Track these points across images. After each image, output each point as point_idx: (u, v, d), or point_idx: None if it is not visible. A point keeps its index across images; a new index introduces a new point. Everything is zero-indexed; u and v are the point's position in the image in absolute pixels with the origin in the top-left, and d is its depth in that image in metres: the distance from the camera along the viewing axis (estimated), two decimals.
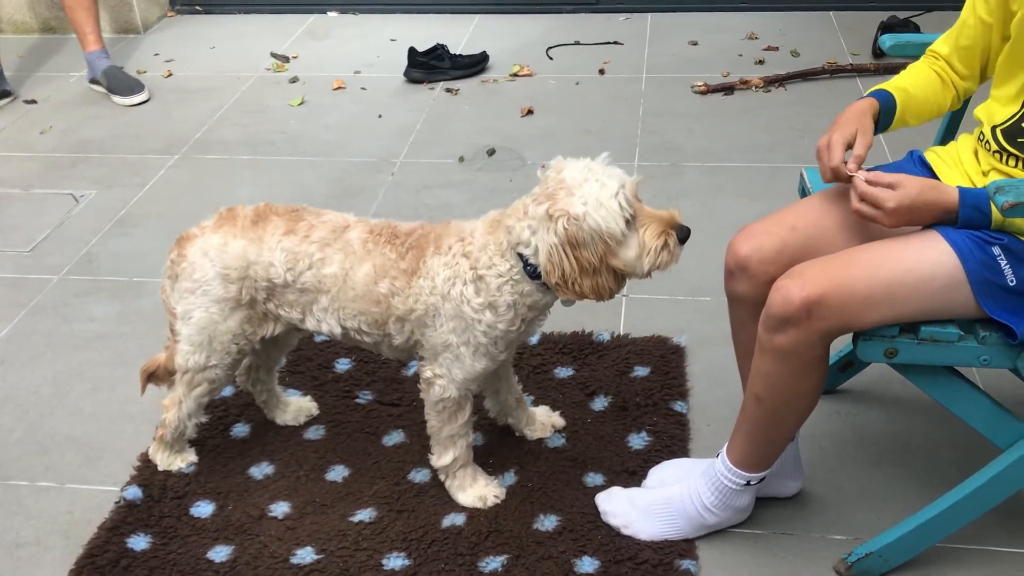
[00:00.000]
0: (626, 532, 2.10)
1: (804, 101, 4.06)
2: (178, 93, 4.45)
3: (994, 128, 1.88)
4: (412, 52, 4.44)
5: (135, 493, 2.26)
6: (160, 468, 2.32)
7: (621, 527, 2.11)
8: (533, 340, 2.67)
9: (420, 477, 2.29)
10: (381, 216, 2.14)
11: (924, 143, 2.17)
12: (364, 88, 4.42)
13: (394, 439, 2.41)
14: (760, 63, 4.44)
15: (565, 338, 2.70)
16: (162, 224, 3.40)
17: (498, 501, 2.20)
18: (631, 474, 2.26)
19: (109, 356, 2.78)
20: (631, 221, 1.87)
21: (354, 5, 5.30)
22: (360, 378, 2.60)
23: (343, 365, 2.65)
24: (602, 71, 4.48)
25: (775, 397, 1.86)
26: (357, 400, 2.53)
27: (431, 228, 2.04)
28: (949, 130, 2.24)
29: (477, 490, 2.20)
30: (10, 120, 4.26)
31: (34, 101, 4.42)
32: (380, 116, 4.15)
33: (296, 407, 2.48)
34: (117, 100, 4.35)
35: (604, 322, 2.77)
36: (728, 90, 4.20)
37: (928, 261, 1.75)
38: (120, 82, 4.37)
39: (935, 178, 1.94)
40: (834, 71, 4.24)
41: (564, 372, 2.60)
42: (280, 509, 2.22)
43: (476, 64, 4.48)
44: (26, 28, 5.21)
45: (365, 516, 2.19)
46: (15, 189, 3.71)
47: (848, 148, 1.86)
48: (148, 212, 3.51)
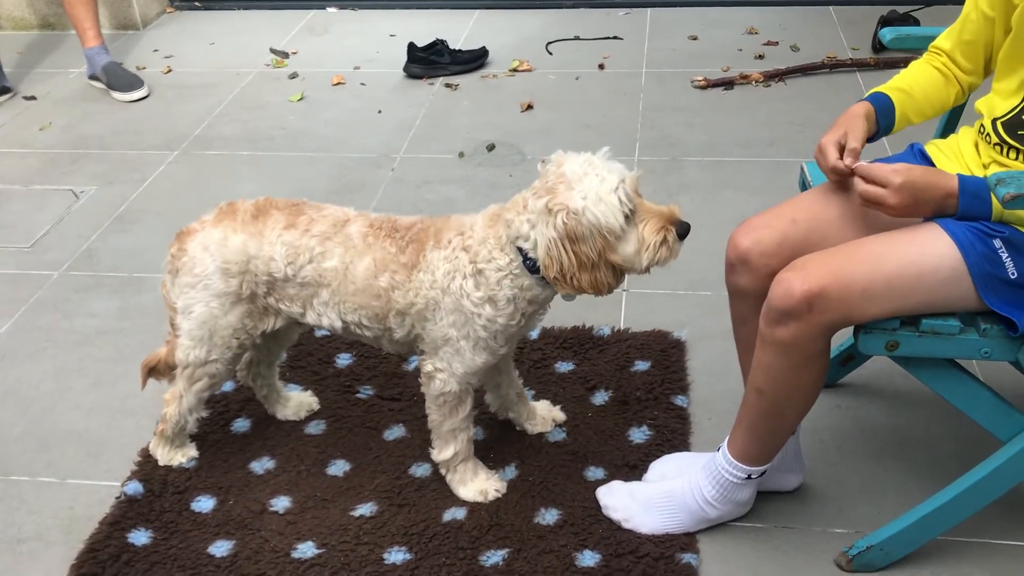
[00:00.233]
0: (627, 526, 2.10)
1: (804, 96, 4.06)
2: (177, 89, 4.45)
3: (995, 121, 1.88)
4: (411, 47, 4.44)
5: (136, 488, 2.26)
6: (161, 463, 2.32)
7: (622, 521, 2.11)
8: (533, 335, 2.67)
9: (421, 471, 2.29)
10: (381, 211, 2.14)
11: (924, 136, 2.17)
12: (364, 84, 4.42)
13: (395, 433, 2.41)
14: (760, 58, 4.44)
15: (566, 333, 2.71)
16: (162, 220, 3.40)
17: (499, 495, 2.20)
18: (632, 468, 2.26)
19: (110, 351, 2.78)
20: (631, 216, 1.87)
21: (353, 0, 5.29)
22: (361, 373, 2.60)
23: (344, 360, 2.65)
24: (602, 66, 4.47)
25: (776, 390, 1.86)
26: (358, 395, 2.54)
27: (431, 222, 2.04)
28: (949, 123, 2.24)
29: (478, 484, 2.20)
30: (10, 116, 4.26)
31: (34, 97, 4.42)
32: (380, 112, 4.15)
33: (297, 402, 2.48)
34: (116, 96, 4.35)
35: (604, 316, 2.77)
36: (728, 85, 4.20)
37: (929, 254, 1.75)
38: (119, 78, 4.36)
39: None
40: (834, 66, 4.23)
41: (565, 366, 2.60)
42: (281, 504, 2.22)
43: (476, 59, 4.48)
44: (25, 24, 5.21)
45: (366, 510, 2.19)
46: (15, 185, 3.70)
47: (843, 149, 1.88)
48: (148, 208, 3.51)
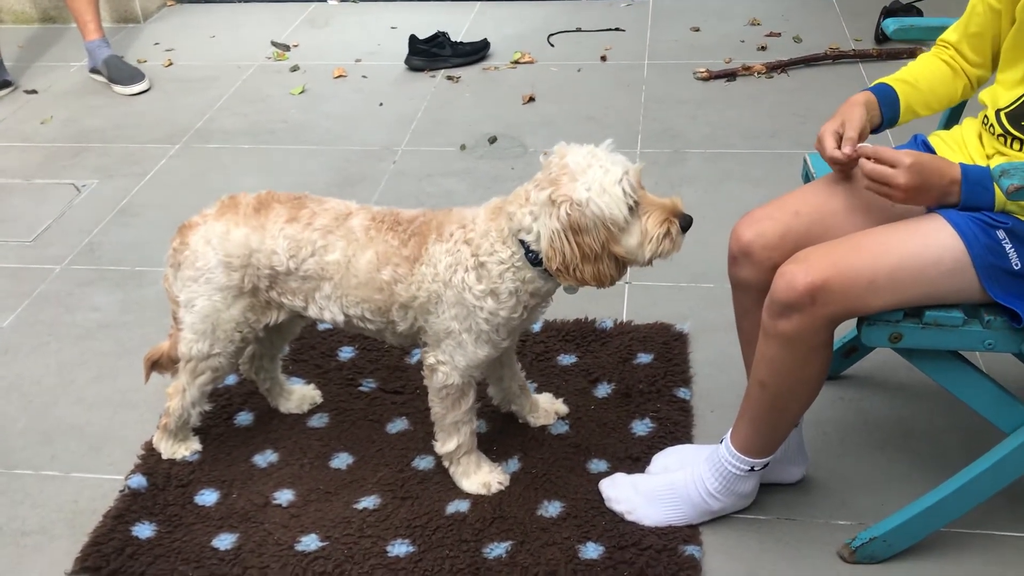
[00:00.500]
0: (630, 518, 2.10)
1: (807, 87, 4.05)
2: (179, 82, 4.44)
3: (998, 112, 1.87)
4: (413, 40, 4.43)
5: (139, 481, 2.26)
6: (164, 456, 2.32)
7: (625, 513, 2.11)
8: (536, 327, 2.67)
9: (424, 464, 2.29)
10: (383, 205, 2.14)
11: (928, 127, 2.16)
12: (365, 76, 4.41)
13: (398, 426, 2.41)
14: (762, 49, 4.43)
15: (568, 325, 2.70)
16: (164, 213, 3.39)
17: (502, 488, 2.20)
18: (635, 460, 2.26)
19: (112, 345, 2.78)
20: (634, 208, 1.86)
21: None
22: (363, 366, 2.60)
23: (346, 353, 2.65)
24: (604, 58, 4.46)
25: (779, 383, 1.86)
26: (360, 388, 2.54)
27: (433, 215, 2.04)
28: (953, 114, 2.23)
29: (481, 477, 2.20)
30: (11, 110, 4.26)
31: (35, 91, 4.42)
32: (381, 104, 4.14)
33: (300, 395, 2.48)
34: (118, 89, 4.34)
35: (607, 309, 2.77)
36: (730, 76, 4.19)
37: (932, 245, 1.74)
38: (121, 71, 4.36)
39: None
40: (837, 57, 4.21)
41: (567, 359, 2.59)
42: (284, 497, 2.22)
43: (477, 52, 4.47)
44: (26, 18, 5.20)
45: (369, 503, 2.19)
46: (17, 179, 3.70)
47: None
48: (150, 201, 3.51)
